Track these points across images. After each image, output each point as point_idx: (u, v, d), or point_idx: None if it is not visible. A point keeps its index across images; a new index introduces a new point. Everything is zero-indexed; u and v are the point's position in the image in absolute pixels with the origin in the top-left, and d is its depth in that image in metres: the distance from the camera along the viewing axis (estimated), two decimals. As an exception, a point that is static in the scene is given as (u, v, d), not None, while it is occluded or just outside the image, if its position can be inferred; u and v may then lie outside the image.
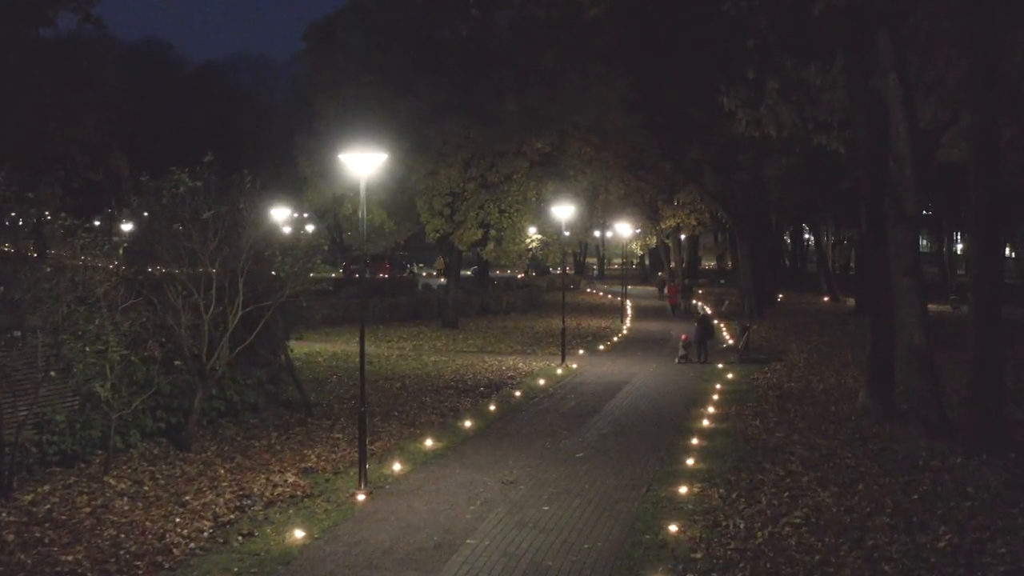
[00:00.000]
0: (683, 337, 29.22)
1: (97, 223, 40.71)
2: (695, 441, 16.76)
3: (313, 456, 16.06)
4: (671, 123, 41.67)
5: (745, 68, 20.16)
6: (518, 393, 22.35)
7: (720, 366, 27.76)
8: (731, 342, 33.39)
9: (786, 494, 13.16)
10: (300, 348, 31.62)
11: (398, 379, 24.87)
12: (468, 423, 18.47)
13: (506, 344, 33.70)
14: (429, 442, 16.70)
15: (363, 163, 13.92)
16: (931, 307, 19.08)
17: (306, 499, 13.38)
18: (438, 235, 35.61)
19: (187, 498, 13.28)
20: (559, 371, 26.41)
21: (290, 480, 14.29)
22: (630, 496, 13.29)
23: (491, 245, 35.68)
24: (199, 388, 17.12)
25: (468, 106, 34.80)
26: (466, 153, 33.83)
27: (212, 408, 18.47)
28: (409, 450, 16.38)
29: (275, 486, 13.98)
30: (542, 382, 24.20)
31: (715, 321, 35.26)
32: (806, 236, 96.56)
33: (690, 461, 15.11)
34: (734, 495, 13.17)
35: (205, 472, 14.89)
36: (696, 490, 13.48)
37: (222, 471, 14.90)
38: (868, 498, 12.92)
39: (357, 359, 30.67)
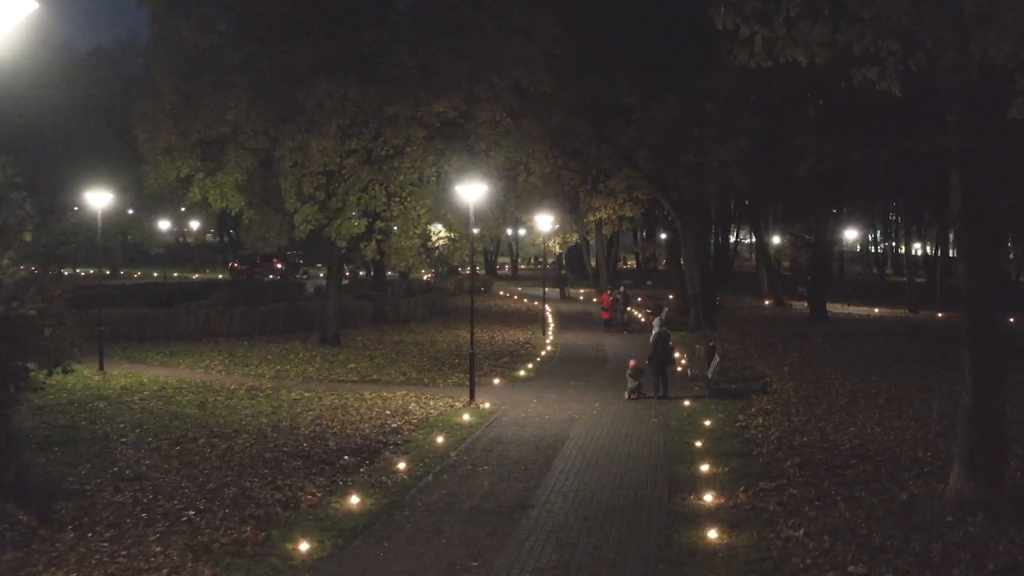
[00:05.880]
0: (631, 363, 21.68)
1: None
2: (712, 591, 9.17)
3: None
4: (604, 95, 34.59)
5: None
6: (402, 465, 14.45)
7: (687, 403, 20.41)
8: (684, 363, 26.10)
9: None
10: (120, 378, 23.53)
11: (228, 436, 16.73)
12: (304, 546, 10.53)
13: (398, 369, 25.72)
14: (214, 608, 8.76)
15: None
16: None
17: None
18: (310, 227, 27.34)
19: None
20: (466, 416, 18.59)
21: None
22: None
23: (375, 241, 27.39)
24: None
25: (351, 60, 26.78)
26: (344, 118, 25.69)
27: None
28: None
29: None
30: (440, 440, 16.36)
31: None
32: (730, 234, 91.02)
33: (726, 664, 7.52)
34: None
35: None
36: None
37: None
38: None
39: (193, 394, 22.56)
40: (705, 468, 14.25)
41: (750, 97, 34.45)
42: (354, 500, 12.40)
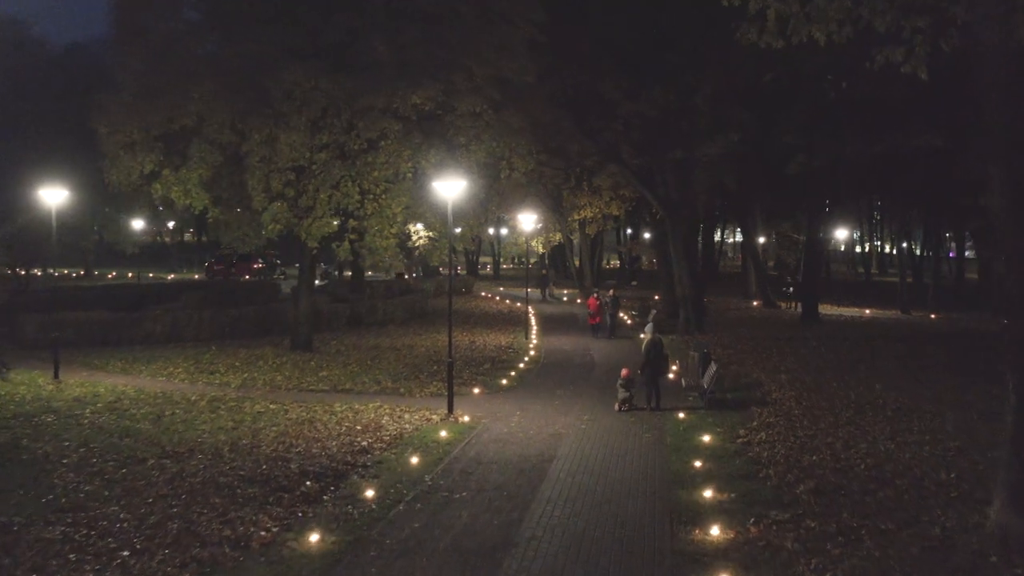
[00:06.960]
0: (623, 372, 20.21)
1: None
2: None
3: None
4: (588, 88, 33.25)
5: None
6: (370, 492, 12.93)
7: (681, 415, 18.98)
8: (676, 369, 24.61)
9: None
10: (75, 388, 21.89)
11: (181, 457, 15.17)
12: (250, 600, 9.02)
13: (372, 376, 24.16)
14: None
15: None
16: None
17: None
18: (279, 226, 25.72)
19: None
20: (443, 433, 17.06)
21: None
22: None
23: (348, 241, 25.75)
24: None
25: (322, 49, 25.20)
26: (315, 110, 24.10)
27: None
28: None
29: None
30: (415, 461, 14.85)
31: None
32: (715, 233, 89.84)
33: None
34: None
35: None
36: None
37: None
38: None
39: (150, 407, 20.48)
40: (708, 494, 12.79)
41: (741, 89, 33.24)
42: (313, 537, 10.88)
